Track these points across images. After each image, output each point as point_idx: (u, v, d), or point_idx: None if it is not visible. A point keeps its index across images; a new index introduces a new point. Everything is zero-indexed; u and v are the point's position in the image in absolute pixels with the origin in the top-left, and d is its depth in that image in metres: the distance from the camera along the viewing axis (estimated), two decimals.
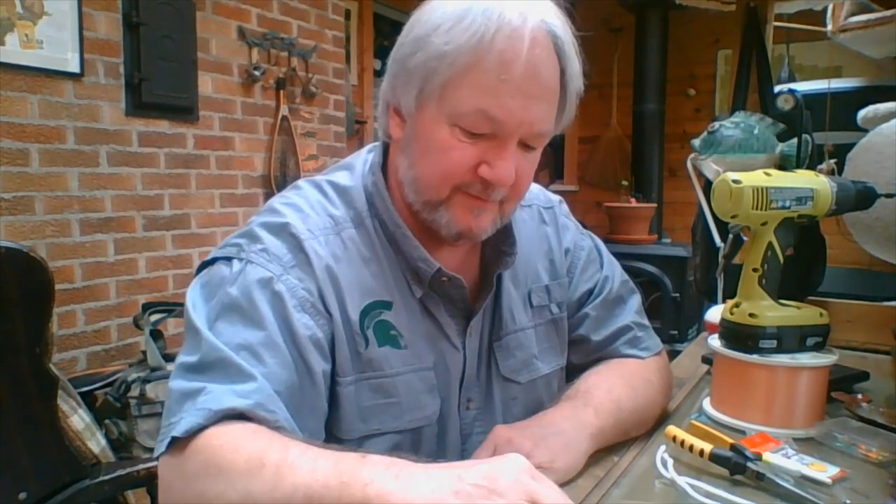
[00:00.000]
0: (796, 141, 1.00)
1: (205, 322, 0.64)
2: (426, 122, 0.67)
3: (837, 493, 0.64)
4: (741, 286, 0.82)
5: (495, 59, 0.62)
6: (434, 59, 0.64)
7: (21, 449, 1.29)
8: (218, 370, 0.61)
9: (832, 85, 2.25)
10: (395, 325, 0.72)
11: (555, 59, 0.66)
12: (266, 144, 2.92)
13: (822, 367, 0.79)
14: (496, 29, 0.62)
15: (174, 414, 0.60)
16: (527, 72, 0.63)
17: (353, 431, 0.70)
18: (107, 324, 2.30)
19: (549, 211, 0.90)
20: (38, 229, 2.08)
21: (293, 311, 0.65)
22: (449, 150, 0.66)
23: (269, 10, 2.89)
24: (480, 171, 0.66)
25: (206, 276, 0.70)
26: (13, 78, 2.00)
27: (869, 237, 1.23)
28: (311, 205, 0.73)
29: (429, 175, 0.68)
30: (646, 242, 3.63)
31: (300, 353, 0.65)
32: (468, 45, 0.62)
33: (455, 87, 0.64)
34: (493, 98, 0.63)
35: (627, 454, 0.76)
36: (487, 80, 0.62)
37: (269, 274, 0.66)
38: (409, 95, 0.67)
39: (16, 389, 1.28)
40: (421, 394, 0.73)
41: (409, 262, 0.74)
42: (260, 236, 0.69)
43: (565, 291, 0.88)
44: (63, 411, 1.39)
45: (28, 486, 1.28)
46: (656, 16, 3.86)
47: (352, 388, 0.69)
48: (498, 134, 0.65)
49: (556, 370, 0.87)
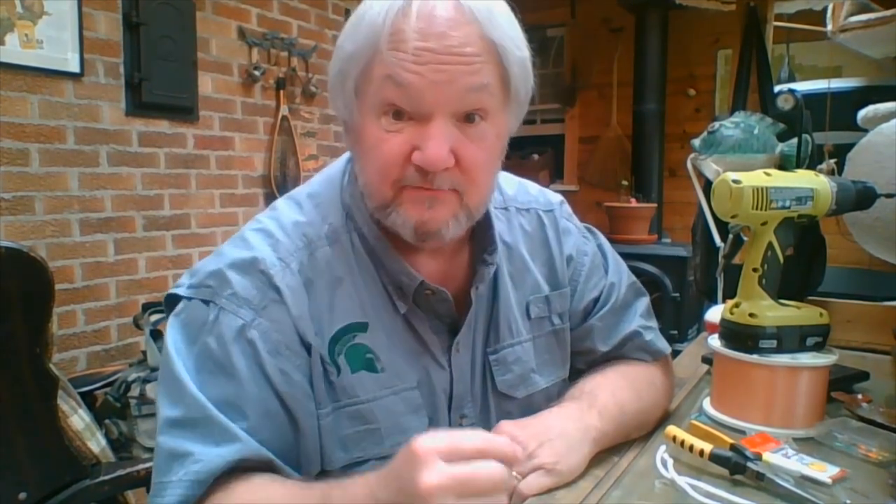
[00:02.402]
0: (796, 141, 1.00)
1: (187, 372, 0.64)
2: (360, 124, 0.67)
3: (837, 493, 0.64)
4: (741, 286, 0.82)
5: (388, 34, 0.61)
6: (346, 63, 0.65)
7: (21, 449, 1.29)
8: (203, 429, 0.62)
9: (832, 85, 2.25)
10: (372, 347, 0.70)
11: (468, 23, 0.62)
12: (266, 144, 2.92)
13: (822, 367, 0.79)
14: (385, 12, 0.62)
15: (164, 474, 0.62)
16: (422, 34, 0.61)
17: (335, 461, 0.69)
18: (107, 324, 2.30)
19: (549, 214, 0.86)
20: (38, 229, 2.08)
21: (267, 358, 0.65)
22: (380, 143, 0.64)
23: (269, 10, 2.90)
24: (413, 158, 0.63)
25: (185, 316, 0.68)
26: (13, 78, 2.00)
27: (869, 237, 1.23)
28: (282, 227, 0.71)
29: (371, 175, 0.67)
30: (646, 242, 3.63)
31: (280, 400, 0.65)
32: (366, 37, 0.63)
33: (366, 79, 0.64)
34: (396, 65, 0.61)
35: (627, 454, 0.76)
36: (388, 56, 0.61)
37: (241, 321, 0.65)
38: (342, 105, 0.68)
39: (16, 389, 1.28)
40: (403, 416, 0.71)
41: (392, 277, 0.71)
42: (229, 280, 0.67)
43: (567, 301, 0.85)
44: (63, 411, 1.39)
45: (28, 486, 1.28)
46: (656, 16, 3.86)
47: (329, 420, 0.68)
48: (420, 110, 0.63)
49: (556, 383, 0.84)
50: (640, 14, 3.90)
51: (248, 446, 0.62)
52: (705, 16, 2.45)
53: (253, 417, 0.64)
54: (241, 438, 0.62)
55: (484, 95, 0.64)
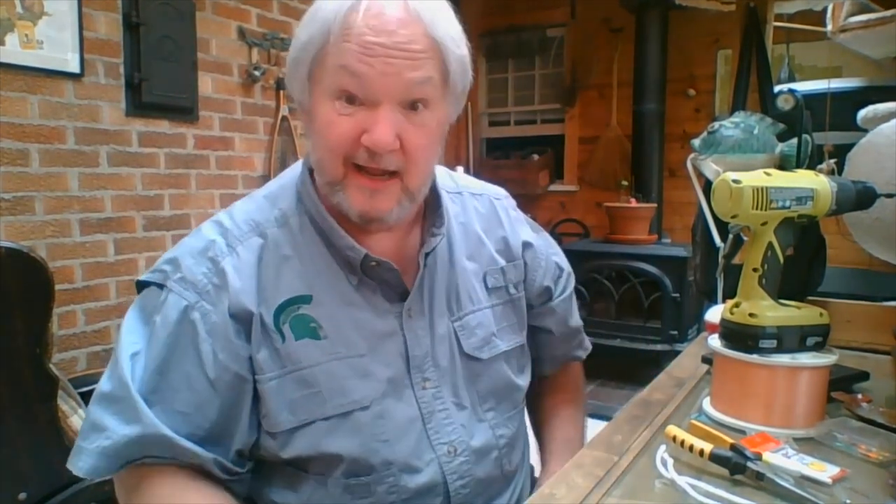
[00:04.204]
0: (796, 141, 1.00)
1: (126, 351, 0.72)
2: (314, 107, 0.73)
3: (837, 493, 0.64)
4: (741, 286, 0.82)
5: (339, 27, 0.68)
6: (301, 51, 0.72)
7: (21, 449, 1.29)
8: (121, 406, 0.70)
9: (832, 85, 2.25)
10: (315, 317, 0.75)
11: (415, 22, 0.70)
12: (266, 144, 2.93)
13: (822, 367, 0.79)
14: (337, 8, 0.68)
15: (82, 439, 0.71)
16: (374, 30, 0.68)
17: (281, 424, 0.73)
18: (107, 324, 2.30)
19: (499, 202, 0.96)
20: (38, 229, 2.09)
21: (205, 338, 0.71)
22: (333, 124, 0.71)
23: (269, 10, 2.90)
24: (363, 140, 0.70)
25: (142, 299, 0.77)
26: (13, 78, 2.00)
27: (869, 237, 1.23)
28: (232, 216, 0.79)
29: (322, 151, 0.74)
30: (646, 242, 3.63)
31: (210, 381, 0.71)
32: (320, 29, 0.69)
33: (320, 66, 0.71)
34: (351, 56, 0.68)
35: (627, 454, 0.76)
36: (342, 48, 0.68)
37: (186, 302, 0.72)
38: (297, 89, 0.75)
39: (16, 390, 1.28)
40: (347, 380, 0.75)
41: (340, 252, 0.77)
42: (181, 264, 0.75)
43: (521, 272, 0.93)
44: (63, 411, 1.40)
45: (28, 486, 1.29)
46: (656, 16, 3.86)
47: (274, 384, 0.73)
48: (370, 98, 0.69)
49: (515, 347, 0.90)
50: (640, 14, 3.90)
51: (149, 427, 0.68)
52: (705, 16, 2.46)
53: (176, 399, 0.71)
54: (143, 420, 0.68)
55: (427, 87, 0.71)
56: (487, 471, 0.83)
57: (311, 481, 0.75)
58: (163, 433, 0.69)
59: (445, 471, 0.79)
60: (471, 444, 0.81)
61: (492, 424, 0.85)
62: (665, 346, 3.41)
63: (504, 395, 0.87)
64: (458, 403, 0.82)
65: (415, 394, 0.79)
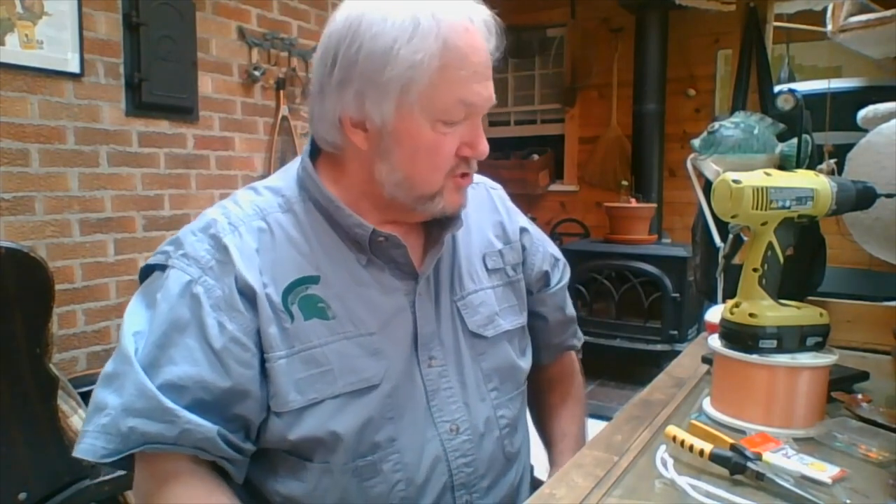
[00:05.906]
0: (796, 141, 1.00)
1: (129, 330, 0.73)
2: (410, 127, 0.73)
3: (837, 493, 0.64)
4: (741, 286, 0.82)
5: (460, 55, 0.71)
6: (409, 70, 0.70)
7: (21, 449, 1.29)
8: (121, 381, 0.70)
9: (832, 85, 2.25)
10: (323, 297, 0.76)
11: (490, 41, 0.76)
12: (266, 145, 2.93)
13: (822, 367, 0.79)
14: (450, 29, 0.70)
15: (86, 423, 0.70)
16: (482, 59, 0.73)
17: (290, 403, 0.73)
18: (107, 324, 2.30)
19: (495, 192, 1.00)
20: (38, 229, 2.09)
21: (209, 311, 0.71)
22: (437, 146, 0.74)
23: (269, 10, 2.90)
24: (463, 153, 0.76)
25: (146, 284, 0.78)
26: (13, 78, 2.00)
27: (869, 237, 1.23)
28: (237, 202, 0.80)
29: (422, 172, 0.76)
30: (646, 242, 3.62)
31: (214, 352, 0.71)
32: (435, 49, 0.70)
33: (434, 88, 0.71)
34: (466, 87, 0.72)
35: (627, 454, 0.76)
36: (459, 75, 0.71)
37: (189, 277, 0.73)
38: (386, 107, 0.72)
39: (16, 389, 1.28)
40: (357, 359, 0.76)
41: (348, 232, 0.78)
42: (183, 242, 0.76)
43: (519, 255, 0.95)
44: (63, 411, 1.40)
45: (28, 486, 1.29)
46: (656, 16, 3.86)
47: (283, 363, 0.73)
48: (469, 115, 0.75)
49: (517, 328, 0.92)
50: (640, 14, 3.90)
51: (146, 397, 0.68)
52: (705, 16, 2.46)
53: (175, 371, 0.69)
54: (140, 389, 0.68)
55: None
56: (489, 451, 0.83)
57: (315, 470, 0.75)
58: (160, 402, 0.68)
59: (447, 448, 0.79)
60: (473, 424, 0.82)
61: (494, 405, 0.86)
62: (665, 346, 3.41)
63: (507, 375, 0.89)
64: (462, 382, 0.83)
65: (420, 372, 0.80)
